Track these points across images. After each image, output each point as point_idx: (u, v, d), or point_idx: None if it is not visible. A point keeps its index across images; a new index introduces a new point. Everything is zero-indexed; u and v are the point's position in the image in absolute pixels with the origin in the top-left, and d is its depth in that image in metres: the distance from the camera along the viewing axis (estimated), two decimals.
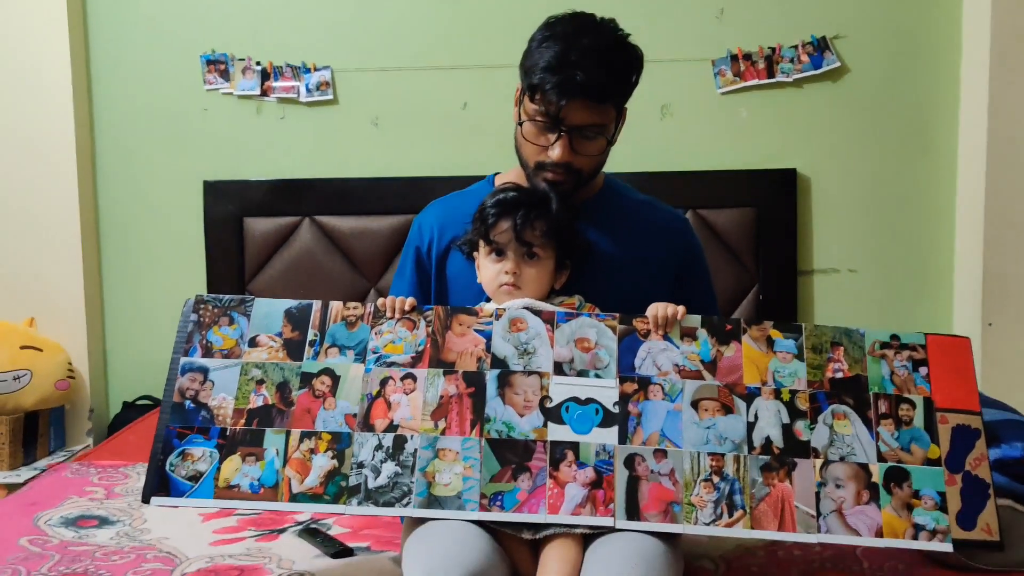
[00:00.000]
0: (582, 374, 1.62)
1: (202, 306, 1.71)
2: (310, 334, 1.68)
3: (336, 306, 1.70)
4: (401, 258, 1.97)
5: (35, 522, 1.95)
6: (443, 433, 1.58)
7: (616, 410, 1.59)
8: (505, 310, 1.68)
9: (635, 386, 1.61)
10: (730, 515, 1.52)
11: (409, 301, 1.70)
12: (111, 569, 1.70)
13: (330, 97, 3.09)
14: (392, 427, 1.59)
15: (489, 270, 1.73)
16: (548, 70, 1.68)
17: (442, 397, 1.61)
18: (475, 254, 1.79)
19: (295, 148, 3.12)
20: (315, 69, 3.08)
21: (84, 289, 3.07)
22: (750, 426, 1.58)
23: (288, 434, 1.60)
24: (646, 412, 1.59)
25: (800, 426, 1.59)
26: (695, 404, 1.60)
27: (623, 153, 1.88)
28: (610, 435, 1.57)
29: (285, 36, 3.09)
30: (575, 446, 1.56)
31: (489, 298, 1.76)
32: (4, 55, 3.02)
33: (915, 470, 1.56)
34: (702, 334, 1.65)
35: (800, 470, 1.55)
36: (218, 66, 3.08)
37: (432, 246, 1.89)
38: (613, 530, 1.51)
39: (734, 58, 3.04)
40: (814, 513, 1.52)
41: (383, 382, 1.63)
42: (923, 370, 1.64)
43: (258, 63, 3.08)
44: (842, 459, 1.56)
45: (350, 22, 3.09)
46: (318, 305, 1.70)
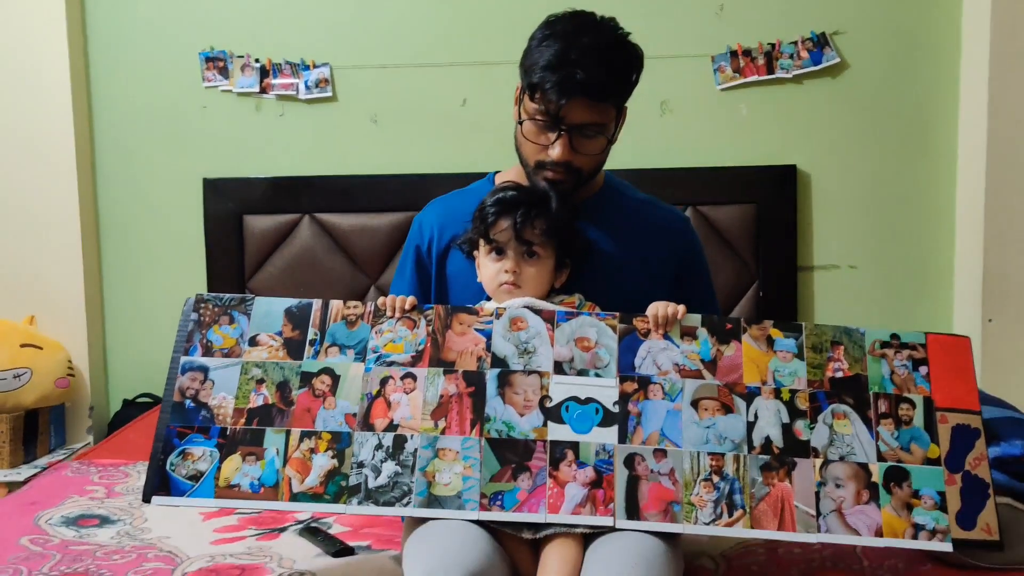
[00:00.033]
0: (582, 373, 1.62)
1: (202, 305, 1.71)
2: (310, 333, 1.68)
3: (336, 305, 1.70)
4: (401, 256, 1.96)
5: (36, 521, 1.95)
6: (443, 432, 1.58)
7: (616, 409, 1.59)
8: (505, 309, 1.68)
9: (635, 385, 1.61)
10: (730, 515, 1.52)
11: (409, 300, 1.70)
12: (112, 568, 1.70)
13: (329, 94, 3.09)
14: (392, 426, 1.59)
15: (489, 269, 1.73)
16: (548, 69, 1.68)
17: (442, 396, 1.61)
18: (475, 253, 1.79)
19: (294, 145, 3.12)
20: (314, 66, 3.07)
21: (84, 287, 3.07)
22: (750, 425, 1.58)
23: (288, 433, 1.60)
24: (646, 411, 1.59)
25: (800, 426, 1.59)
26: (695, 403, 1.60)
27: (623, 149, 1.88)
28: (610, 434, 1.57)
29: (284, 33, 3.09)
30: (575, 446, 1.56)
31: (489, 297, 1.76)
32: (3, 54, 3.01)
33: (915, 470, 1.56)
34: (702, 333, 1.65)
35: (800, 470, 1.55)
36: (217, 63, 3.07)
37: (432, 245, 1.89)
38: (613, 530, 1.51)
39: (734, 54, 3.03)
40: (814, 513, 1.52)
41: (383, 381, 1.63)
42: (923, 369, 1.63)
43: (257, 60, 3.07)
44: (842, 459, 1.56)
45: (349, 19, 3.09)
46: (318, 304, 1.70)
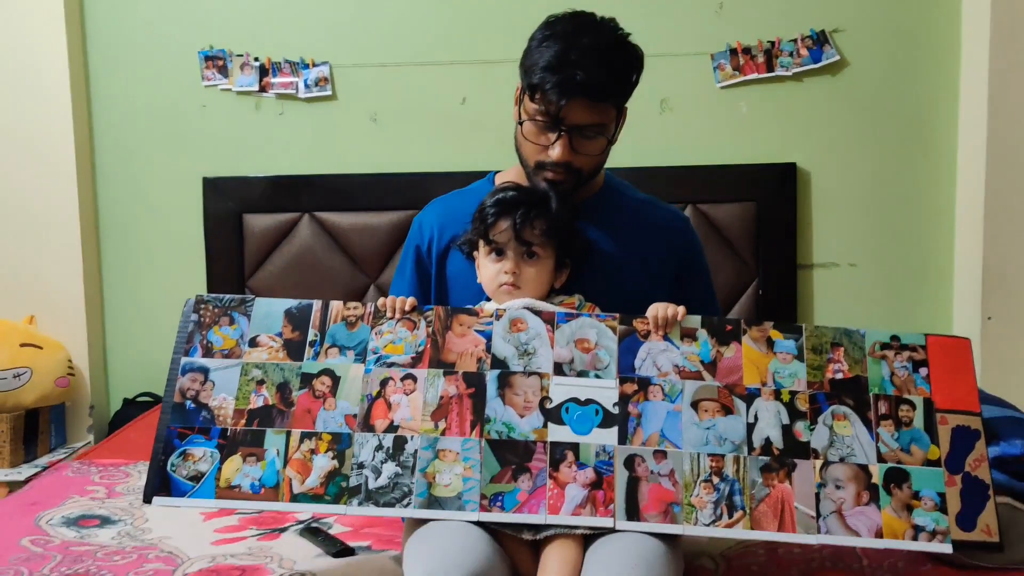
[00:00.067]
0: (582, 375, 1.62)
1: (202, 306, 1.71)
2: (310, 334, 1.68)
3: (336, 306, 1.70)
4: (401, 257, 1.96)
5: (36, 522, 1.95)
6: (443, 434, 1.58)
7: (616, 411, 1.59)
8: (505, 311, 1.68)
9: (635, 387, 1.61)
10: (730, 516, 1.52)
11: (409, 301, 1.70)
12: (113, 569, 1.70)
13: (329, 93, 3.08)
14: (392, 428, 1.59)
15: (489, 270, 1.73)
16: (548, 69, 1.68)
17: (442, 398, 1.61)
18: (475, 254, 1.79)
19: (294, 144, 3.12)
20: (313, 65, 3.07)
21: (84, 286, 3.07)
22: (750, 427, 1.58)
23: (288, 434, 1.60)
24: (646, 413, 1.59)
25: (800, 427, 1.59)
26: (695, 405, 1.60)
27: (622, 148, 1.87)
28: (610, 436, 1.57)
29: (283, 32, 3.08)
30: (575, 447, 1.56)
31: (489, 297, 1.76)
32: (2, 54, 3.01)
33: (915, 471, 1.56)
34: (702, 335, 1.65)
35: (800, 471, 1.55)
36: (216, 62, 3.07)
37: (432, 245, 1.89)
38: (613, 531, 1.51)
39: (733, 52, 3.03)
40: (814, 514, 1.52)
41: (383, 382, 1.63)
42: (923, 371, 1.63)
43: (256, 59, 3.07)
44: (842, 460, 1.56)
45: (348, 18, 3.08)
46: (318, 305, 1.70)
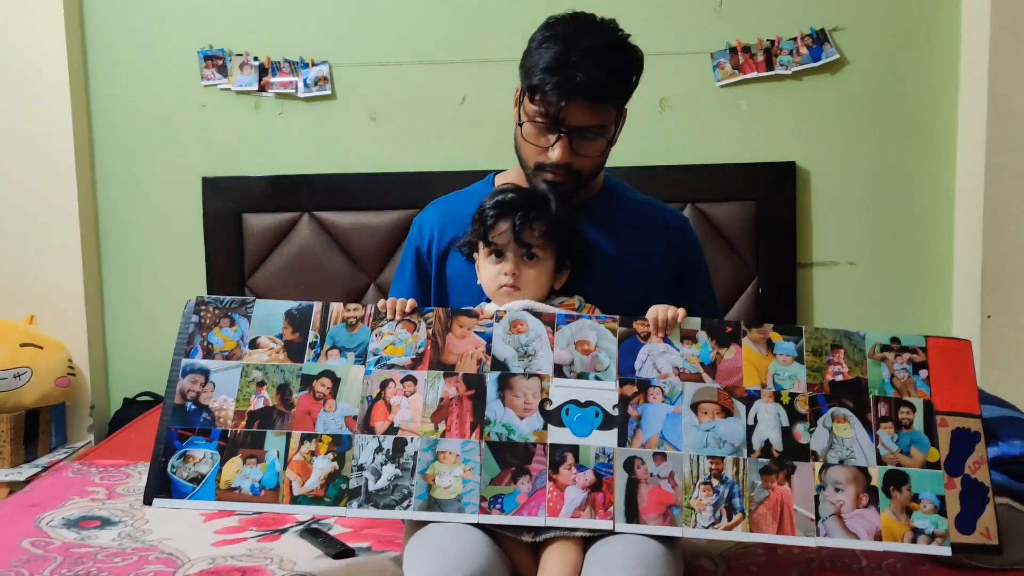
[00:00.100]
0: (582, 376, 1.62)
1: (203, 307, 1.71)
2: (310, 336, 1.68)
3: (336, 308, 1.70)
4: (401, 258, 1.96)
5: (37, 523, 1.95)
6: (443, 436, 1.58)
7: (616, 413, 1.59)
8: (506, 312, 1.68)
9: (635, 389, 1.61)
10: (729, 518, 1.52)
11: (410, 303, 1.70)
12: (113, 571, 1.70)
13: (328, 92, 3.08)
14: (392, 429, 1.59)
15: (489, 271, 1.73)
16: (548, 71, 1.68)
17: (442, 399, 1.61)
18: (475, 255, 1.79)
19: (293, 144, 3.12)
20: (313, 64, 3.07)
21: (84, 286, 3.07)
22: (749, 429, 1.58)
23: (289, 436, 1.60)
24: (646, 415, 1.59)
25: (800, 429, 1.59)
26: (695, 407, 1.60)
27: (622, 147, 1.87)
28: (610, 438, 1.57)
29: (283, 31, 3.08)
30: (575, 449, 1.56)
31: (489, 299, 1.76)
32: (2, 54, 3.00)
33: (914, 473, 1.56)
34: (702, 337, 1.65)
35: (799, 473, 1.55)
36: (215, 62, 3.07)
37: (432, 246, 1.89)
38: (613, 533, 1.51)
39: (733, 51, 3.03)
40: (813, 516, 1.53)
41: (383, 384, 1.63)
42: (923, 373, 1.64)
43: (256, 58, 3.07)
44: (841, 462, 1.57)
45: (348, 17, 3.08)
46: (318, 307, 1.70)
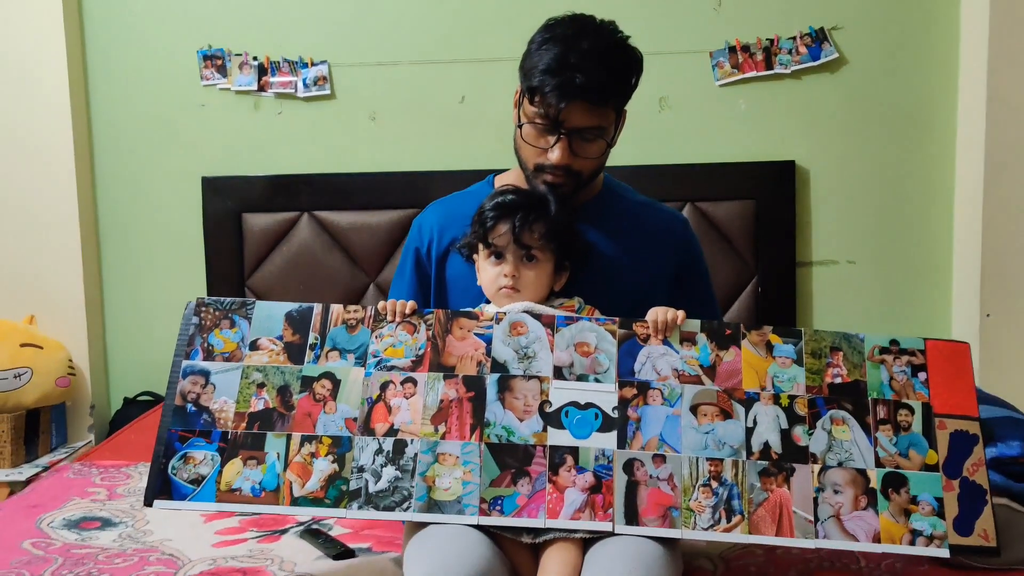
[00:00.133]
0: (582, 378, 1.62)
1: (203, 309, 1.72)
2: (311, 337, 1.68)
3: (337, 309, 1.71)
4: (401, 258, 1.97)
5: (38, 524, 1.96)
6: (443, 437, 1.58)
7: (615, 415, 1.59)
8: (506, 314, 1.68)
9: (634, 391, 1.61)
10: (728, 520, 1.53)
11: (410, 304, 1.70)
12: (114, 572, 1.71)
13: (327, 92, 3.08)
14: (392, 431, 1.59)
15: (488, 273, 1.74)
16: (548, 72, 1.68)
17: (442, 401, 1.61)
18: (474, 256, 1.79)
19: (293, 143, 3.11)
20: (312, 64, 3.07)
21: (84, 286, 3.06)
22: (749, 431, 1.59)
23: (289, 438, 1.60)
24: (645, 417, 1.59)
25: (799, 431, 1.59)
26: (694, 409, 1.60)
27: (621, 147, 1.87)
28: (609, 440, 1.57)
29: (282, 31, 3.07)
30: (574, 451, 1.57)
31: (489, 300, 1.76)
32: (1, 54, 3.00)
33: (913, 476, 1.57)
34: (701, 339, 1.65)
35: (798, 475, 1.56)
36: (215, 62, 3.06)
37: (432, 247, 1.90)
38: (612, 534, 1.52)
39: (732, 50, 3.03)
40: (812, 518, 1.53)
41: (383, 386, 1.63)
42: (922, 375, 1.64)
43: (255, 58, 3.06)
44: (840, 464, 1.57)
45: (347, 17, 3.07)
46: (319, 308, 1.71)
